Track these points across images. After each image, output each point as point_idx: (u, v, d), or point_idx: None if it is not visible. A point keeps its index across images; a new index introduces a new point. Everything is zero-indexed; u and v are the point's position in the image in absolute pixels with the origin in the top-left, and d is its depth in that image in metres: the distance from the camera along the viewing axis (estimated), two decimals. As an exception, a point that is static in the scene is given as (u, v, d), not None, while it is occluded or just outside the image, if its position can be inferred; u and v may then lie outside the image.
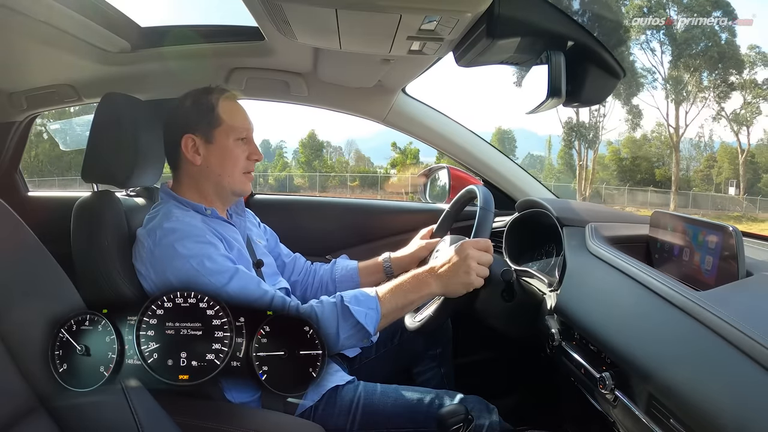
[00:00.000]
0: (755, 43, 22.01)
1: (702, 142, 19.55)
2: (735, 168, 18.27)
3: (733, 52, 17.66)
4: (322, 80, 1.30)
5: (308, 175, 21.77)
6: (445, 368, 1.23)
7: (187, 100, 0.95)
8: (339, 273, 1.15)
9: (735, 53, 17.70)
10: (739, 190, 18.00)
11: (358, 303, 0.82)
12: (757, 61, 17.64)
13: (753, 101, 17.81)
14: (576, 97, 0.81)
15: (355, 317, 0.80)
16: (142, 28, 1.18)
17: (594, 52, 0.79)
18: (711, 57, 17.52)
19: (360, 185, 21.54)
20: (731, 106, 18.12)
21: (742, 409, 0.45)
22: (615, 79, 0.82)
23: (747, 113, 17.92)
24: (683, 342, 0.55)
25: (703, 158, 19.62)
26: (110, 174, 0.94)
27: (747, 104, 17.90)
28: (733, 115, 18.14)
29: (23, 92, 1.45)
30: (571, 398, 1.03)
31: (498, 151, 1.45)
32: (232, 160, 0.94)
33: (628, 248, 0.80)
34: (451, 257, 0.86)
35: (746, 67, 17.76)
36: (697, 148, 19.70)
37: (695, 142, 19.60)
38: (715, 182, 19.07)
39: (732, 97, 18.01)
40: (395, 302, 0.85)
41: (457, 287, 0.86)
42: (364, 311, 0.81)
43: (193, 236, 0.84)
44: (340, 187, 21.57)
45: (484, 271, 0.86)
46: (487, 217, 0.93)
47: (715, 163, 19.13)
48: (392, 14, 0.76)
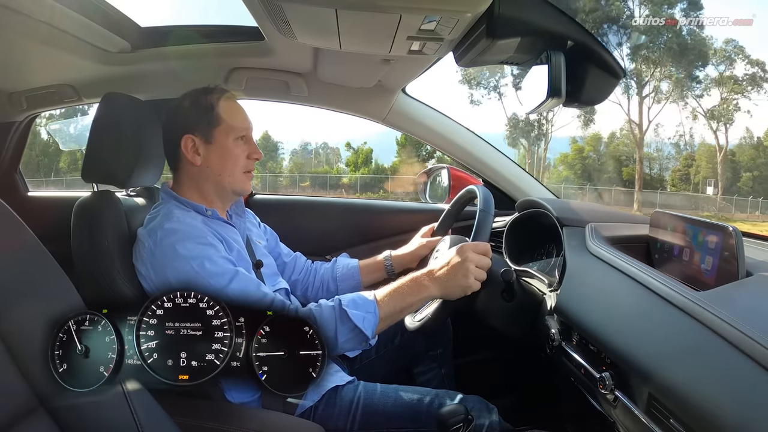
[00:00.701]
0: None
1: (683, 140, 19.42)
2: (714, 167, 18.10)
3: (696, 44, 17.35)
4: (322, 80, 1.30)
5: (260, 176, 21.94)
6: (446, 368, 1.23)
7: (186, 101, 0.95)
8: (340, 272, 1.15)
9: (699, 46, 17.39)
10: (717, 189, 17.83)
11: (356, 307, 0.82)
12: (734, 56, 17.41)
13: (729, 97, 17.58)
14: (576, 97, 0.81)
15: (353, 321, 0.81)
16: (142, 28, 1.19)
17: (594, 52, 0.79)
18: (670, 49, 17.23)
19: (311, 185, 21.78)
20: (709, 104, 17.95)
21: (742, 409, 0.45)
22: (615, 79, 0.82)
23: (723, 110, 17.70)
24: (683, 342, 0.55)
25: (682, 157, 19.48)
26: (110, 174, 0.94)
27: (724, 101, 17.68)
28: (709, 113, 17.95)
29: (23, 92, 1.44)
30: (571, 398, 1.03)
31: (498, 151, 1.45)
32: (232, 160, 0.94)
33: (628, 248, 0.80)
34: (450, 260, 0.86)
35: (722, 62, 17.54)
36: (677, 147, 19.58)
37: (674, 141, 19.47)
38: (693, 181, 18.93)
39: (702, 94, 17.80)
40: (394, 305, 0.85)
41: (455, 290, 0.86)
42: (362, 315, 0.82)
43: (194, 237, 0.84)
44: (290, 186, 21.81)
45: (482, 274, 0.87)
46: (487, 220, 0.93)
47: (693, 162, 19.00)
48: (392, 14, 0.76)
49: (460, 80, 20.53)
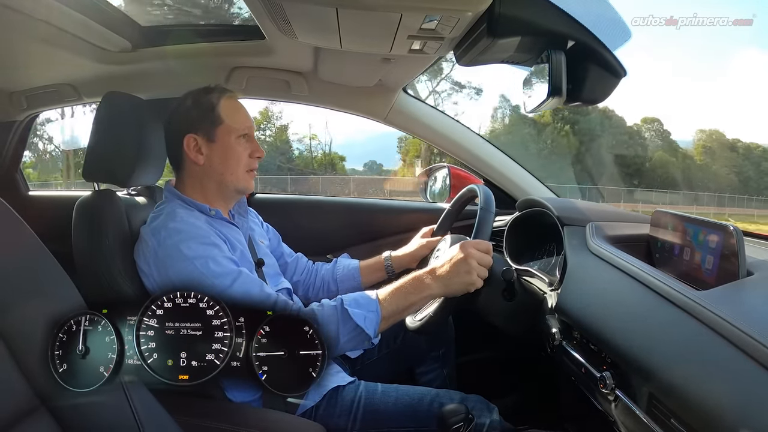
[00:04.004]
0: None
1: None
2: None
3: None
4: (323, 79, 1.30)
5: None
6: (448, 369, 1.23)
7: (187, 101, 0.95)
8: (340, 272, 1.15)
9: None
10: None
11: (359, 306, 0.82)
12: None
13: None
14: (577, 96, 0.81)
15: (355, 321, 0.81)
16: (142, 27, 1.18)
17: (595, 51, 0.79)
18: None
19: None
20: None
21: (743, 409, 0.45)
22: (616, 78, 0.82)
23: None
24: (684, 341, 0.55)
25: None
26: (111, 173, 0.94)
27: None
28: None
29: (23, 92, 1.45)
30: (572, 398, 1.03)
31: (499, 150, 1.45)
32: (235, 158, 0.94)
33: (629, 247, 0.80)
34: (452, 257, 0.86)
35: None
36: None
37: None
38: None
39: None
40: (396, 304, 0.85)
41: (458, 287, 0.86)
42: (363, 314, 0.82)
43: (197, 238, 0.84)
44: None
45: (484, 271, 0.87)
46: (488, 219, 0.93)
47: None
48: (393, 13, 0.76)
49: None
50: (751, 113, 30.77)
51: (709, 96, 34.32)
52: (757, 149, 18.34)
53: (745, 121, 30.69)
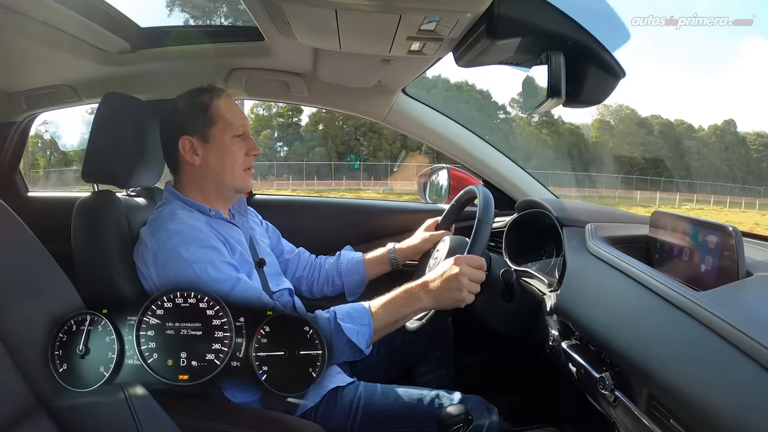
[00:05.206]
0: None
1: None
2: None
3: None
4: (322, 80, 1.30)
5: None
6: (447, 370, 1.23)
7: (181, 103, 0.95)
8: (344, 266, 1.16)
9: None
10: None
11: (351, 320, 0.83)
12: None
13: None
14: (576, 97, 0.81)
15: (347, 335, 0.81)
16: (141, 28, 1.19)
17: (594, 52, 0.79)
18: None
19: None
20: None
21: (743, 409, 0.45)
22: (615, 78, 0.82)
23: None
24: (683, 342, 0.55)
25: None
26: (111, 174, 0.94)
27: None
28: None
29: (23, 92, 1.44)
30: (571, 398, 1.03)
31: (498, 152, 1.45)
32: (231, 158, 0.94)
33: (628, 248, 0.80)
34: (444, 272, 0.88)
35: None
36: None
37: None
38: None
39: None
40: (388, 317, 0.86)
41: (448, 302, 0.88)
42: (356, 329, 0.83)
43: (197, 240, 0.84)
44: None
45: (475, 287, 0.88)
46: (484, 231, 0.94)
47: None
48: (392, 14, 0.76)
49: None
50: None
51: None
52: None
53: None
